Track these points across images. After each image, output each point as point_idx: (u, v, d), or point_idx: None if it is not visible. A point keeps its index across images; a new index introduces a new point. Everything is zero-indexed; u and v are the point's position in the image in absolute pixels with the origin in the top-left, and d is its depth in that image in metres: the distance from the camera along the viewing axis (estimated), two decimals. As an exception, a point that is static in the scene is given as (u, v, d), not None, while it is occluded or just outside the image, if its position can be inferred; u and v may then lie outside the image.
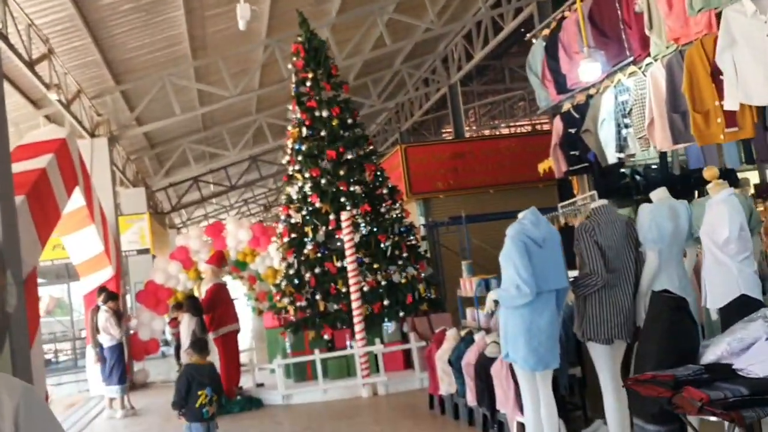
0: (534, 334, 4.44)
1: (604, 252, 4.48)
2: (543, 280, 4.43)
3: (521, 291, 4.36)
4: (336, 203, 10.34)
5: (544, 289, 4.44)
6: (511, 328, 4.55)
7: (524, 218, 4.78)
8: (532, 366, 4.51)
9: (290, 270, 10.45)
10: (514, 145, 15.42)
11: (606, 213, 4.67)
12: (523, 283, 4.35)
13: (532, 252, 4.45)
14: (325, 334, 9.96)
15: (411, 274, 10.27)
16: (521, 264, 4.39)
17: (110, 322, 10.21)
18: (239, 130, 22.21)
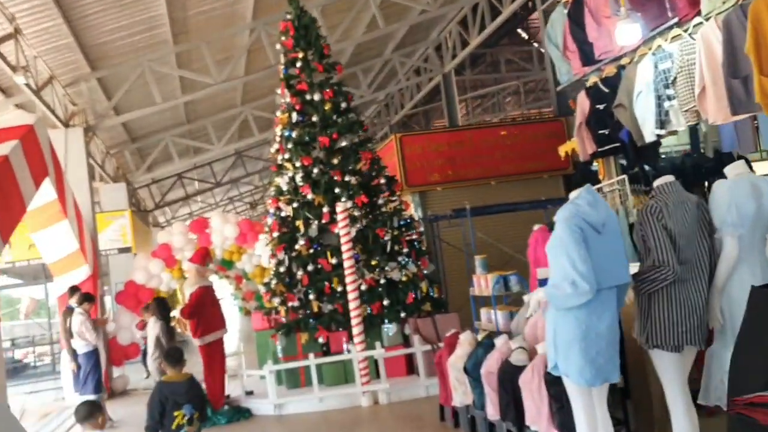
0: (592, 342, 3.61)
1: (674, 239, 3.67)
2: (603, 274, 3.61)
3: (578, 288, 3.53)
4: (330, 194, 9.49)
5: (604, 285, 3.61)
6: (563, 335, 3.71)
7: (578, 198, 3.92)
8: (589, 380, 3.68)
9: (281, 267, 9.59)
10: (517, 133, 14.61)
11: (674, 192, 3.86)
12: (581, 278, 3.52)
13: (589, 240, 3.62)
14: (319, 337, 9.11)
15: (412, 272, 9.44)
16: (578, 255, 3.56)
17: (85, 326, 9.30)
18: (224, 123, 21.30)
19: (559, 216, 3.82)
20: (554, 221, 7.99)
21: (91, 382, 9.27)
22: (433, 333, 8.81)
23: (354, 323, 8.43)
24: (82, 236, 11.72)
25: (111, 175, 19.99)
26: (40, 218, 10.37)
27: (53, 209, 10.30)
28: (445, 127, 18.88)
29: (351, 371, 8.90)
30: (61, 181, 10.60)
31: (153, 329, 8.53)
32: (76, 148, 13.03)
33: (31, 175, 8.62)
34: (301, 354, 9.21)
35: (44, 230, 10.75)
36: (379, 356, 8.41)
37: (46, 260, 11.73)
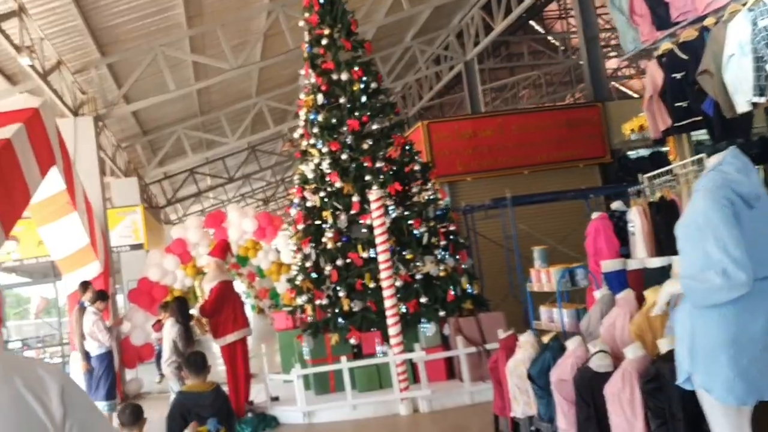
0: (744, 347, 2.79)
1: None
2: (758, 261, 2.80)
3: (732, 279, 2.72)
4: (359, 182, 8.72)
5: (759, 275, 2.80)
6: (705, 339, 2.89)
7: (723, 163, 3.06)
8: (741, 396, 2.85)
9: (307, 262, 8.83)
10: (552, 119, 13.77)
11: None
12: (736, 266, 2.70)
13: (741, 217, 2.81)
14: (351, 338, 8.34)
15: (450, 266, 8.66)
16: (730, 236, 2.74)
17: (98, 326, 8.59)
18: (238, 114, 20.61)
19: (701, 185, 3.00)
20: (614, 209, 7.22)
21: (103, 388, 8.55)
22: (477, 334, 8.03)
23: (390, 323, 7.66)
24: (92, 230, 11.00)
25: (122, 169, 19.31)
26: (47, 210, 9.66)
27: (61, 201, 9.57)
28: (476, 113, 18.05)
29: (386, 376, 8.14)
30: (69, 171, 9.88)
31: (170, 332, 7.81)
32: (85, 138, 12.30)
33: (36, 163, 7.89)
34: (330, 356, 8.45)
35: (52, 224, 10.03)
36: (419, 359, 7.63)
37: (55, 256, 11.01)
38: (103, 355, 8.64)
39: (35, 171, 7.82)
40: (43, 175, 8.22)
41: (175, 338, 7.77)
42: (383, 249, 7.68)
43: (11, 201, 6.73)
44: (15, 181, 6.92)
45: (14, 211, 6.89)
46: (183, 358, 8.33)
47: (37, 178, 7.93)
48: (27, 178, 7.28)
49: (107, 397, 8.51)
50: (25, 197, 7.30)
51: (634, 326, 5.04)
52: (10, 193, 6.72)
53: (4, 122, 7.41)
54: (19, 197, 7.11)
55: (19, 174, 7.04)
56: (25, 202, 7.29)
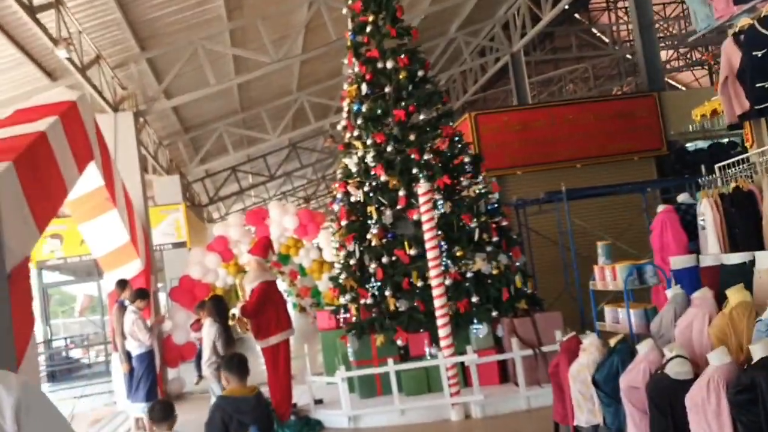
0: None
1: None
2: None
3: None
4: (406, 176, 8.31)
5: None
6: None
7: None
8: None
9: (351, 260, 8.46)
10: (605, 111, 13.16)
11: None
12: None
13: None
14: (397, 339, 7.93)
15: (503, 264, 8.19)
16: None
17: (138, 326, 8.35)
18: (279, 111, 20.37)
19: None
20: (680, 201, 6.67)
21: (143, 388, 8.31)
22: (533, 335, 7.56)
23: (440, 323, 7.22)
24: (133, 227, 10.81)
25: (164, 167, 19.23)
26: (86, 207, 9.46)
27: (100, 197, 9.37)
28: (526, 104, 17.49)
29: (435, 379, 7.72)
30: (108, 167, 9.68)
31: (209, 332, 7.51)
32: (126, 133, 12.12)
33: (73, 157, 7.66)
34: (376, 358, 8.06)
35: (92, 221, 9.83)
36: (471, 362, 7.18)
37: (95, 254, 10.84)
38: (143, 354, 8.40)
39: (72, 166, 7.59)
40: (80, 170, 7.99)
41: (214, 338, 7.46)
42: (432, 245, 7.25)
43: (47, 196, 6.48)
44: (51, 176, 6.68)
45: (51, 207, 6.64)
46: (222, 359, 8.04)
47: (75, 174, 7.70)
48: (64, 173, 7.04)
49: (147, 398, 8.27)
50: (62, 193, 7.06)
51: (714, 329, 4.54)
52: (46, 188, 6.48)
53: (40, 115, 7.19)
54: (56, 193, 6.87)
55: (55, 169, 6.80)
56: (61, 198, 7.05)
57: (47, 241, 18.06)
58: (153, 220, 18.95)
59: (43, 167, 6.48)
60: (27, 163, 6.05)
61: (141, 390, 8.28)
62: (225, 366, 4.85)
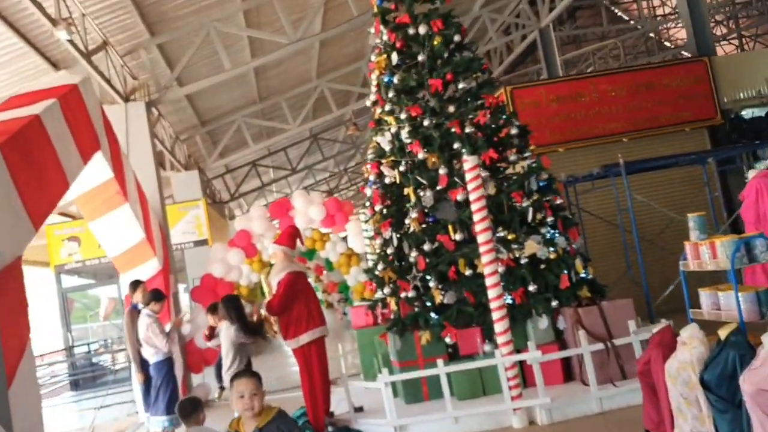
0: None
1: None
2: None
3: None
4: (446, 152, 7.40)
5: None
6: None
7: None
8: None
9: (387, 249, 7.56)
10: (651, 79, 12.14)
11: None
12: None
13: None
14: (445, 336, 7.03)
15: (562, 247, 7.25)
16: None
17: (153, 330, 7.54)
18: (299, 99, 19.55)
19: None
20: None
21: (163, 400, 7.50)
22: (602, 327, 6.61)
23: (496, 317, 6.30)
24: (148, 224, 10.01)
25: (182, 162, 18.48)
26: (96, 203, 8.67)
27: (110, 191, 8.56)
28: (566, 75, 16.48)
29: (491, 381, 6.82)
30: (118, 158, 8.87)
31: (226, 335, 6.66)
32: (138, 125, 11.33)
33: (76, 146, 6.85)
34: (421, 358, 7.17)
35: (103, 217, 9.03)
36: (534, 360, 6.25)
37: (109, 254, 10.06)
38: (161, 362, 7.59)
39: (74, 155, 6.77)
40: (85, 160, 7.18)
41: (234, 340, 6.62)
42: (483, 228, 6.33)
43: (43, 187, 5.66)
44: (48, 166, 5.86)
45: (48, 199, 5.82)
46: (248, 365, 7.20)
47: (77, 163, 6.88)
48: (63, 161, 6.22)
49: (168, 411, 7.45)
50: (61, 184, 6.24)
51: None
52: (42, 177, 5.65)
53: (35, 99, 6.38)
54: (54, 184, 6.05)
55: (52, 157, 5.98)
56: (60, 190, 6.22)
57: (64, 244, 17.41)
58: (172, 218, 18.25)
59: (37, 154, 5.65)
60: (17, 149, 5.23)
61: (161, 402, 7.48)
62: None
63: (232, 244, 11.87)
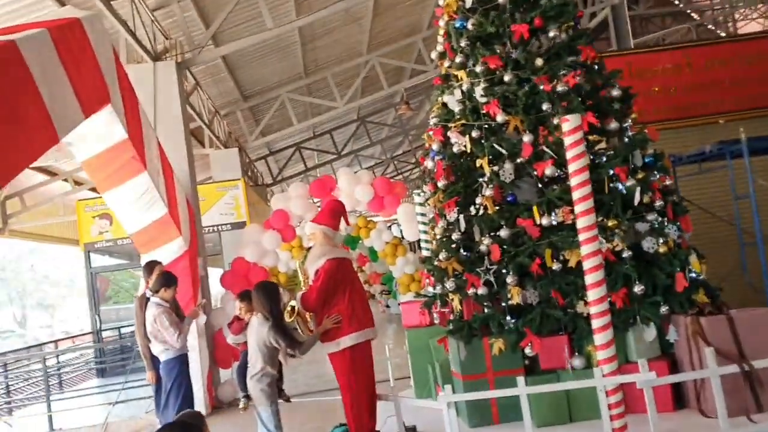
0: None
1: None
2: None
3: None
4: (532, 114, 5.92)
5: None
6: None
7: None
8: None
9: (452, 234, 6.12)
10: (753, 50, 10.43)
11: None
12: None
13: None
14: (525, 345, 5.55)
15: (673, 239, 5.72)
16: None
17: (161, 323, 6.24)
18: (347, 76, 18.19)
19: None
20: None
21: (173, 405, 6.19)
22: (731, 342, 5.07)
23: (597, 325, 4.80)
24: (172, 198, 8.74)
25: (222, 139, 17.29)
26: (108, 169, 7.41)
27: (124, 156, 7.28)
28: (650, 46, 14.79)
29: (581, 404, 5.36)
30: (136, 118, 7.60)
31: (258, 333, 5.28)
32: (167, 86, 10.08)
33: (73, 91, 5.57)
34: (490, 371, 5.72)
35: (119, 188, 7.77)
36: (648, 385, 4.74)
37: (128, 231, 8.84)
38: (171, 361, 6.28)
39: (70, 102, 5.48)
40: (86, 112, 5.89)
41: (266, 342, 5.25)
42: (584, 209, 4.83)
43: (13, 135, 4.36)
44: (22, 108, 4.55)
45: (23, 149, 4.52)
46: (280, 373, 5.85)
47: (74, 114, 5.59)
48: (50, 107, 4.91)
49: (179, 419, 6.13)
50: (47, 135, 4.93)
51: None
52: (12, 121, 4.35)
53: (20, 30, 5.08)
54: (35, 133, 4.75)
55: (31, 97, 4.67)
56: (44, 142, 4.91)
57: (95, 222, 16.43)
58: (210, 198, 17.07)
59: (9, 91, 4.36)
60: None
61: (170, 407, 6.17)
62: None
63: (267, 226, 10.56)
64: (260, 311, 5.30)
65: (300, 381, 10.66)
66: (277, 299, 5.35)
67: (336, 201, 6.24)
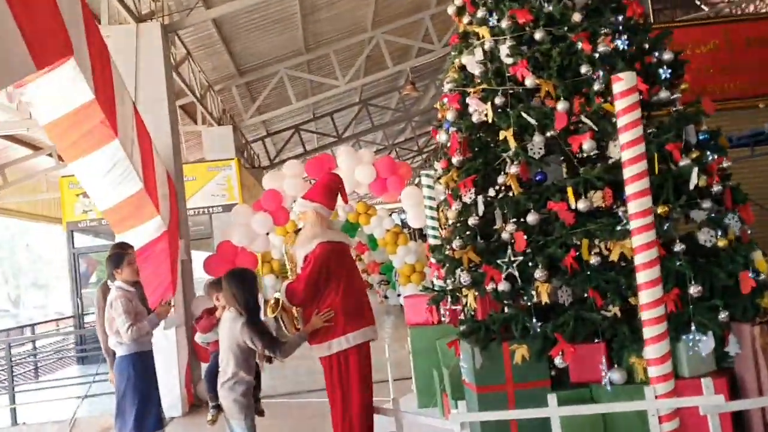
0: None
1: None
2: None
3: None
4: (568, 78, 4.97)
5: None
6: None
7: None
8: None
9: (468, 218, 5.17)
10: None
11: None
12: None
13: None
14: (556, 355, 4.61)
15: (734, 232, 4.79)
16: None
17: (116, 307, 5.26)
18: (350, 53, 17.21)
19: None
20: None
21: (130, 413, 5.23)
22: (816, 359, 4.16)
23: (650, 334, 3.88)
24: (150, 172, 7.79)
25: (215, 116, 16.33)
26: (73, 135, 6.45)
27: (91, 120, 6.31)
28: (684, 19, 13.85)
29: (617, 427, 4.44)
30: (106, 78, 6.64)
31: (229, 331, 4.34)
32: (150, 51, 9.12)
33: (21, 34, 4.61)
34: (510, 383, 4.80)
35: (84, 158, 6.82)
36: (715, 411, 3.81)
37: (99, 207, 7.90)
38: (125, 358, 5.29)
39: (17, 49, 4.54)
40: (38, 62, 4.92)
41: (241, 341, 4.31)
42: (638, 190, 3.89)
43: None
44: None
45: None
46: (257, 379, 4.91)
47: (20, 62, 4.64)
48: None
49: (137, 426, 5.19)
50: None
51: None
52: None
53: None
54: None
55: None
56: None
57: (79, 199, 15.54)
58: (200, 178, 16.20)
59: None
60: None
61: (128, 415, 5.20)
62: None
63: (257, 207, 9.63)
64: (232, 304, 4.36)
65: (289, 378, 9.76)
66: (252, 289, 4.41)
67: (332, 175, 5.28)
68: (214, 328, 5.13)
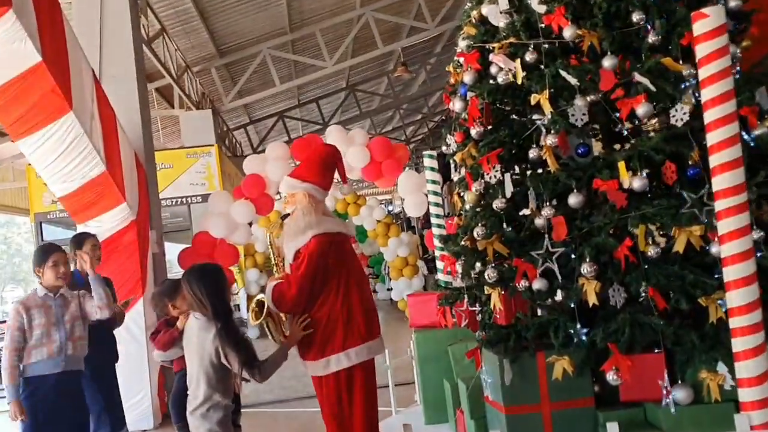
0: None
1: None
2: None
3: None
4: (616, 28, 4.08)
5: None
6: None
7: None
8: None
9: (492, 200, 4.26)
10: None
11: None
12: None
13: None
14: (610, 369, 3.70)
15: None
16: None
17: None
18: (338, 33, 16.25)
19: None
20: None
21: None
22: None
23: (742, 346, 3.01)
24: (113, 152, 6.83)
25: (193, 99, 15.32)
26: (18, 107, 5.49)
27: (39, 89, 5.35)
28: None
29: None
30: (60, 39, 5.67)
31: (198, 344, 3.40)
32: (118, 16, 8.13)
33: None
34: (546, 402, 3.91)
35: (34, 134, 5.87)
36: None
37: (56, 193, 6.95)
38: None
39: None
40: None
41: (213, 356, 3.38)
42: (727, 160, 3.01)
43: None
44: None
45: None
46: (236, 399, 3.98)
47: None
48: None
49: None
50: None
51: None
52: None
53: None
54: None
55: None
56: None
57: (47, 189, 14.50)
58: (178, 166, 15.20)
59: None
60: None
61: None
62: None
63: (237, 194, 8.67)
64: (198, 309, 3.42)
65: (274, 382, 8.82)
66: (222, 289, 3.46)
67: (327, 146, 4.31)
68: (176, 342, 4.18)
